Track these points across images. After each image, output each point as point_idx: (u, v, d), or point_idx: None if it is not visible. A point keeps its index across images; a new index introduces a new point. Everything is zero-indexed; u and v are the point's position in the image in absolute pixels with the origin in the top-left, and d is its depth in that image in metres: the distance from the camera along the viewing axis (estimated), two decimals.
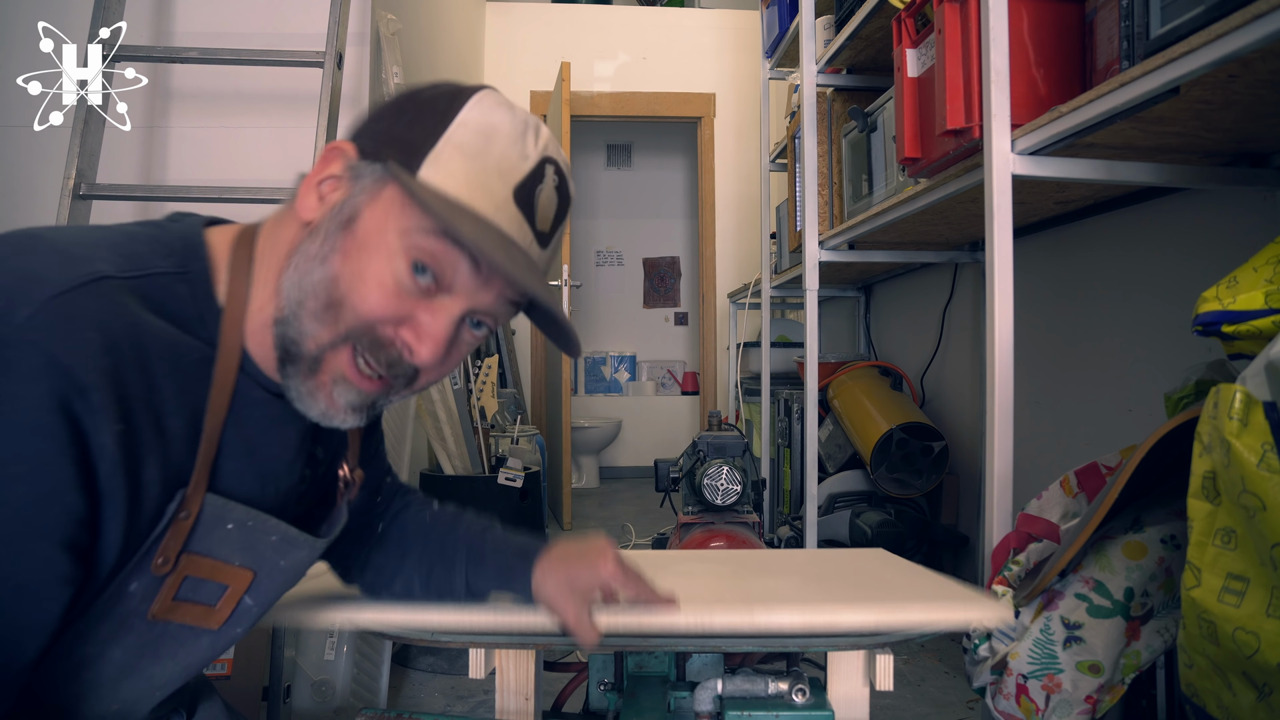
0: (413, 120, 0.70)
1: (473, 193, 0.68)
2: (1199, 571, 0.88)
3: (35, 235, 0.63)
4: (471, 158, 0.68)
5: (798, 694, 0.91)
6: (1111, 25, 1.33)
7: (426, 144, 0.68)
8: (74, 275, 0.60)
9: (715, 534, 1.88)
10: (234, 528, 0.72)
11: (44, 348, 0.56)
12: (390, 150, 0.69)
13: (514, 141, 0.70)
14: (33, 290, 0.57)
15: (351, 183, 0.69)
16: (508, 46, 4.93)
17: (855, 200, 2.34)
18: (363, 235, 0.68)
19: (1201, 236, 1.65)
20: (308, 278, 0.68)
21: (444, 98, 0.71)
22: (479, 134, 0.69)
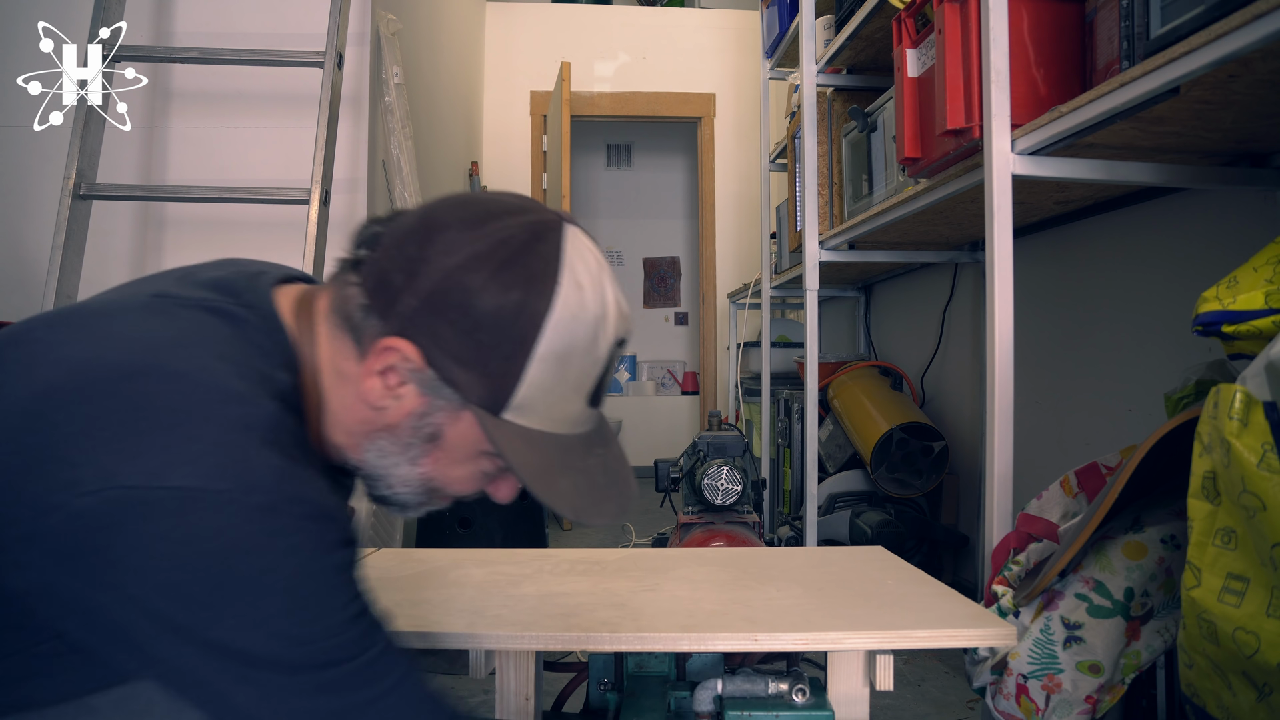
0: (487, 348, 0.67)
1: (553, 424, 0.72)
2: (1199, 571, 0.88)
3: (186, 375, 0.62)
4: (549, 392, 0.69)
5: (798, 694, 0.91)
6: (1111, 25, 1.33)
7: (507, 384, 0.68)
8: (265, 422, 0.62)
9: (715, 534, 1.88)
10: None
11: (301, 501, 0.60)
12: (465, 378, 0.68)
13: (585, 352, 0.70)
14: (249, 457, 0.60)
15: (424, 394, 0.69)
16: (508, 46, 4.93)
17: (855, 200, 2.34)
18: (449, 447, 0.72)
19: (1201, 237, 1.64)
20: (396, 470, 0.73)
21: (516, 315, 0.67)
22: (556, 365, 0.69)
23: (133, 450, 0.57)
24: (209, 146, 2.19)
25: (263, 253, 2.41)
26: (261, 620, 0.58)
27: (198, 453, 0.58)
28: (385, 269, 0.69)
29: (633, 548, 2.20)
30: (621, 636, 0.87)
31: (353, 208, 2.25)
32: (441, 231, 0.68)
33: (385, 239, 0.71)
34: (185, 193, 2.01)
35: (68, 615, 0.59)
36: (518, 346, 0.67)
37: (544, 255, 0.68)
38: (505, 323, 0.66)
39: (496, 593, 1.03)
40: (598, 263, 0.71)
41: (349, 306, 0.71)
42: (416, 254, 0.68)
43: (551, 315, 0.67)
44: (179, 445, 0.58)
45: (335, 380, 0.73)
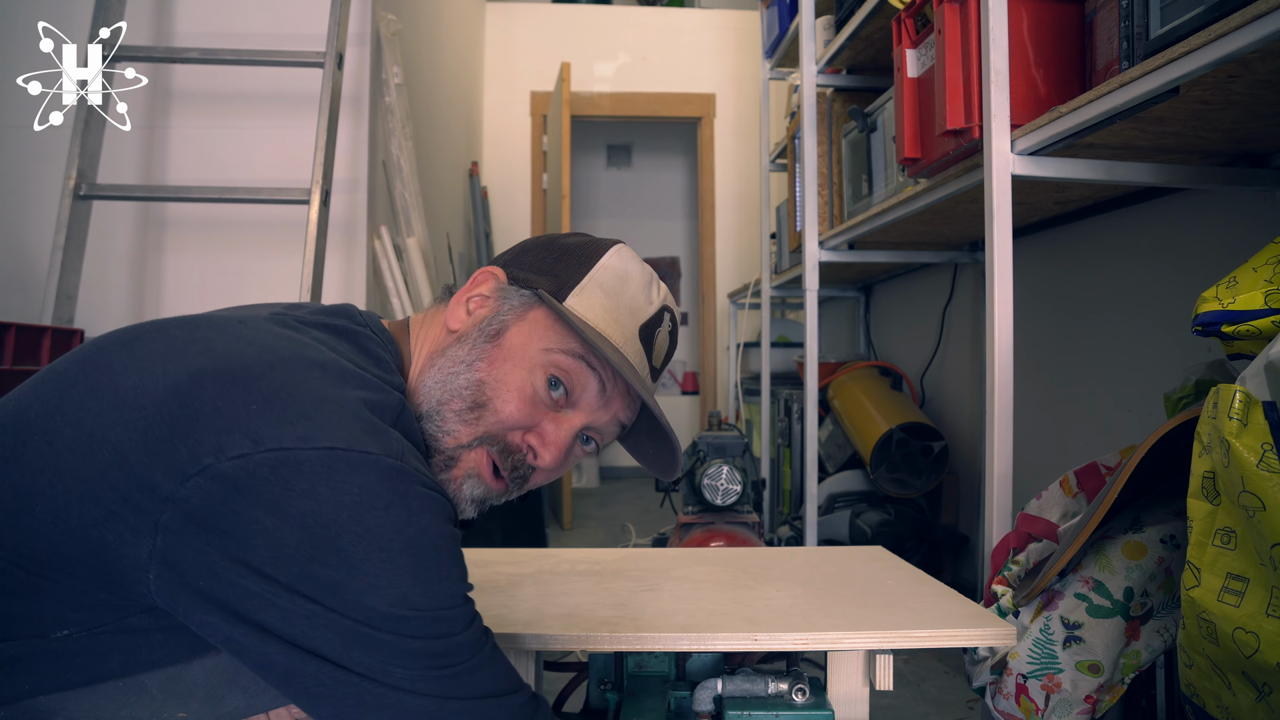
0: (559, 259, 0.82)
1: (608, 324, 0.80)
2: (1199, 571, 0.88)
3: (327, 365, 0.68)
4: (609, 294, 0.81)
5: (798, 694, 0.91)
6: (1111, 25, 1.33)
7: (573, 279, 0.80)
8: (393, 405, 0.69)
9: (715, 534, 1.88)
10: None
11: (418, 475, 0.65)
12: (540, 280, 0.80)
13: (643, 288, 0.83)
14: (383, 428, 0.65)
15: (500, 301, 0.80)
16: (508, 46, 4.93)
17: (855, 200, 2.34)
18: (509, 347, 0.78)
19: (1201, 237, 1.65)
20: (453, 380, 0.77)
21: (587, 245, 0.84)
22: (616, 277, 0.82)
23: (278, 420, 0.61)
24: (209, 146, 2.19)
25: (263, 253, 2.43)
26: (390, 581, 0.60)
27: (341, 422, 0.62)
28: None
29: (633, 548, 2.20)
30: (621, 636, 0.87)
31: (353, 208, 2.25)
32: (528, 243, 0.86)
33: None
34: (185, 193, 2.01)
35: (181, 582, 0.59)
36: (586, 259, 0.82)
37: (605, 241, 0.85)
38: (576, 247, 0.83)
39: (496, 593, 1.04)
40: (646, 266, 0.87)
41: (447, 291, 0.85)
42: (507, 255, 0.85)
43: (613, 251, 0.83)
44: (323, 417, 0.62)
45: (426, 361, 0.80)
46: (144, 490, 0.59)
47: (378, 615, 0.60)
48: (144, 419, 0.61)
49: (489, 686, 0.65)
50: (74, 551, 0.60)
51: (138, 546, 0.59)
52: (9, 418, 0.65)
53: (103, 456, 0.60)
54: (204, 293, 2.18)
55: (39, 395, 0.66)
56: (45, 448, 0.62)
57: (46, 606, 0.61)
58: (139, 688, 0.65)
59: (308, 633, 0.59)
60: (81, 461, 0.60)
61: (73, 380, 0.66)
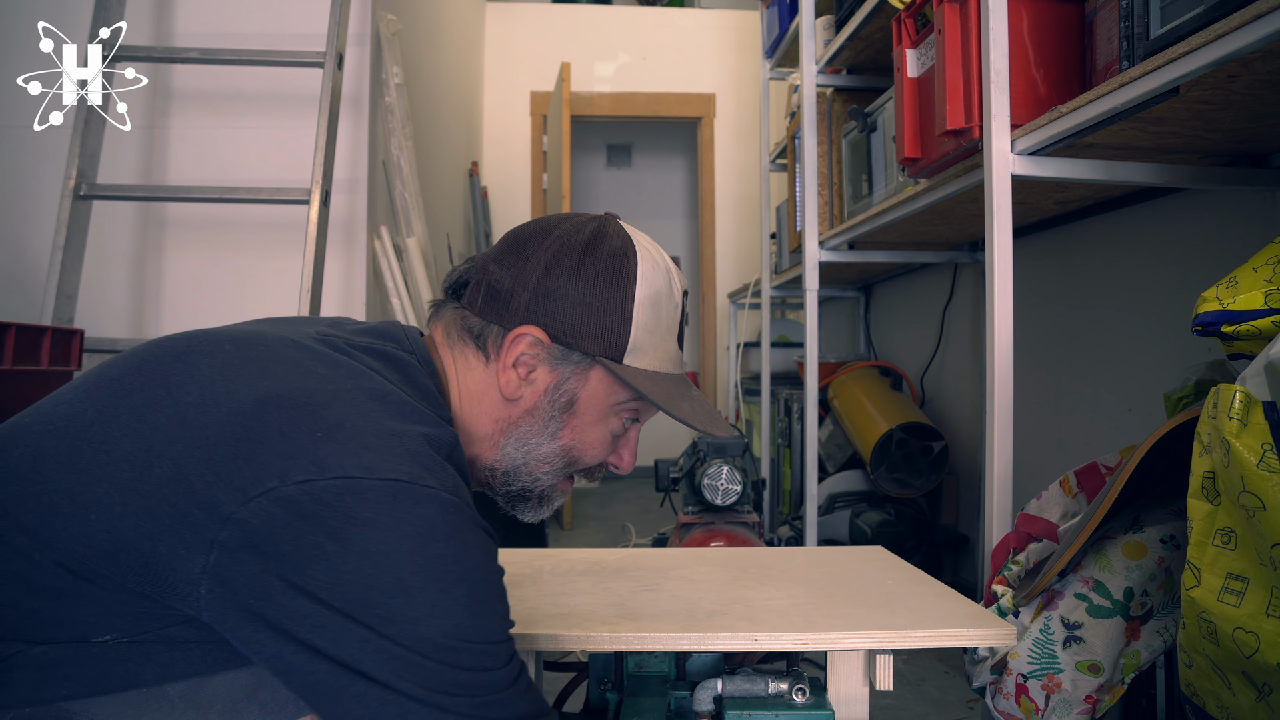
0: (597, 308, 0.81)
1: (660, 361, 0.85)
2: (1199, 571, 0.88)
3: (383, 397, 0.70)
4: (652, 332, 0.83)
5: (798, 694, 0.91)
6: (1111, 25, 1.33)
7: (621, 332, 0.81)
8: (448, 441, 0.72)
9: (715, 534, 1.88)
10: None
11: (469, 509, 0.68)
12: (588, 343, 0.81)
13: (668, 297, 0.85)
14: (440, 463, 0.67)
15: (555, 366, 0.81)
16: (508, 46, 4.93)
17: (855, 200, 2.34)
18: (584, 413, 0.83)
19: (1201, 237, 1.65)
20: (538, 449, 0.83)
21: (615, 276, 0.81)
22: (652, 308, 0.83)
23: (343, 450, 0.63)
24: (209, 146, 2.19)
25: (263, 253, 2.43)
26: (446, 612, 0.62)
27: (403, 455, 0.65)
28: (490, 284, 0.82)
29: (633, 548, 2.20)
30: (621, 636, 0.87)
31: (353, 208, 2.25)
32: (528, 241, 0.82)
33: (481, 265, 0.84)
34: (185, 193, 2.01)
35: (232, 599, 0.60)
36: (622, 300, 0.81)
37: (613, 231, 0.84)
38: (605, 285, 0.80)
39: None
40: (647, 237, 0.87)
41: (467, 325, 0.82)
42: (515, 259, 0.81)
43: (639, 268, 0.82)
44: (387, 449, 0.64)
45: (468, 401, 0.83)
46: (203, 508, 0.60)
47: (430, 644, 0.62)
48: (206, 438, 0.62)
49: (522, 712, 0.67)
50: (126, 560, 0.60)
51: (191, 561, 0.60)
52: (63, 420, 0.66)
53: (161, 471, 0.61)
54: (204, 293, 2.18)
55: (94, 401, 0.67)
56: (102, 456, 0.62)
57: (90, 611, 0.62)
58: (161, 696, 0.65)
59: (358, 656, 0.61)
60: (139, 474, 0.61)
61: (129, 389, 0.66)
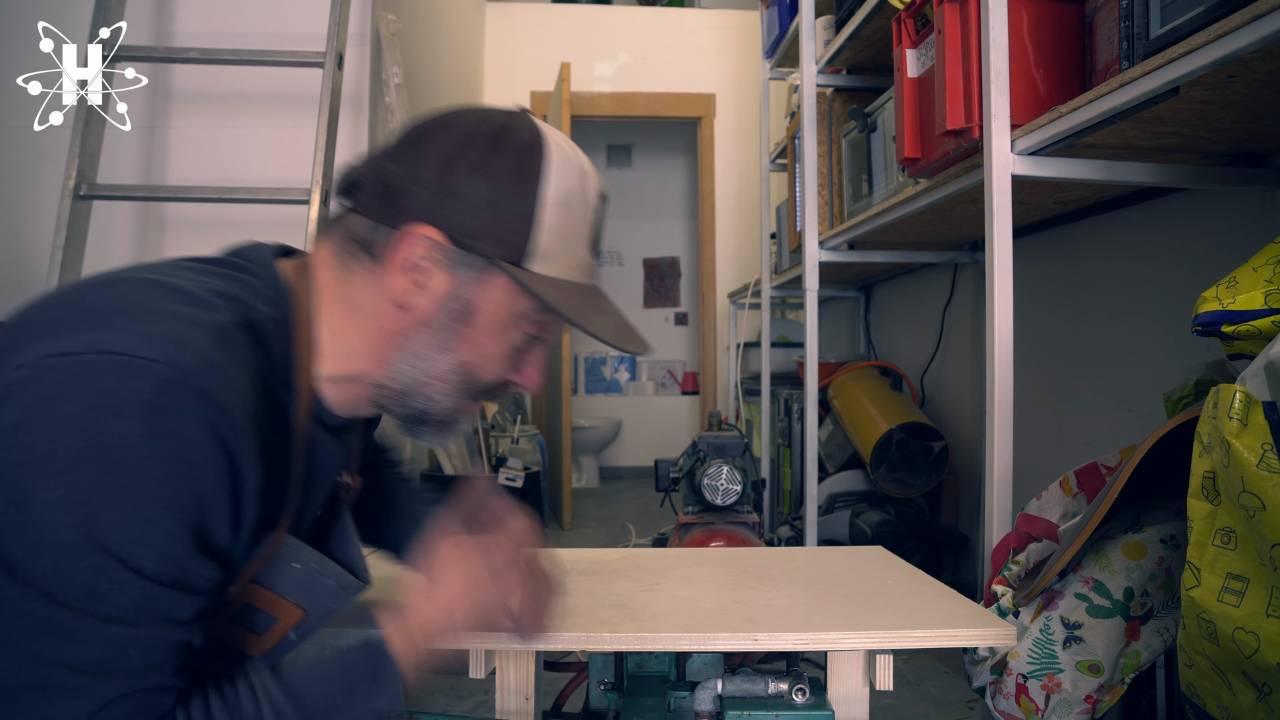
0: (498, 201, 0.72)
1: (570, 271, 0.77)
2: (1199, 571, 0.88)
3: (158, 283, 0.67)
4: (562, 234, 0.75)
5: (798, 694, 0.91)
6: (1111, 25, 1.33)
7: (525, 238, 0.73)
8: (216, 324, 0.65)
9: (715, 534, 1.88)
10: (300, 567, 0.77)
11: (211, 395, 0.61)
12: (489, 245, 0.73)
13: (581, 198, 0.77)
14: (190, 340, 0.62)
15: (452, 272, 0.73)
16: (508, 46, 4.92)
17: (855, 200, 2.34)
18: (482, 323, 0.76)
19: (1201, 237, 1.65)
20: (430, 364, 0.76)
21: (520, 169, 0.73)
22: (562, 209, 0.75)
23: (81, 329, 0.61)
24: (209, 146, 2.19)
25: None
26: (91, 497, 0.57)
27: (141, 329, 0.61)
28: (384, 181, 0.73)
29: (633, 548, 2.20)
30: (621, 636, 0.87)
31: None
32: (427, 133, 0.74)
33: (374, 163, 0.75)
34: (185, 193, 2.01)
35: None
36: (527, 200, 0.73)
37: (524, 125, 0.75)
38: (510, 182, 0.72)
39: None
40: (562, 134, 0.79)
41: (356, 232, 0.75)
42: (412, 154, 0.73)
43: (549, 164, 0.74)
44: (126, 324, 0.62)
45: (350, 313, 0.76)
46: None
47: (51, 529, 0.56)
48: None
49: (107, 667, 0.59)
50: None
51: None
52: None
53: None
54: None
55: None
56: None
57: None
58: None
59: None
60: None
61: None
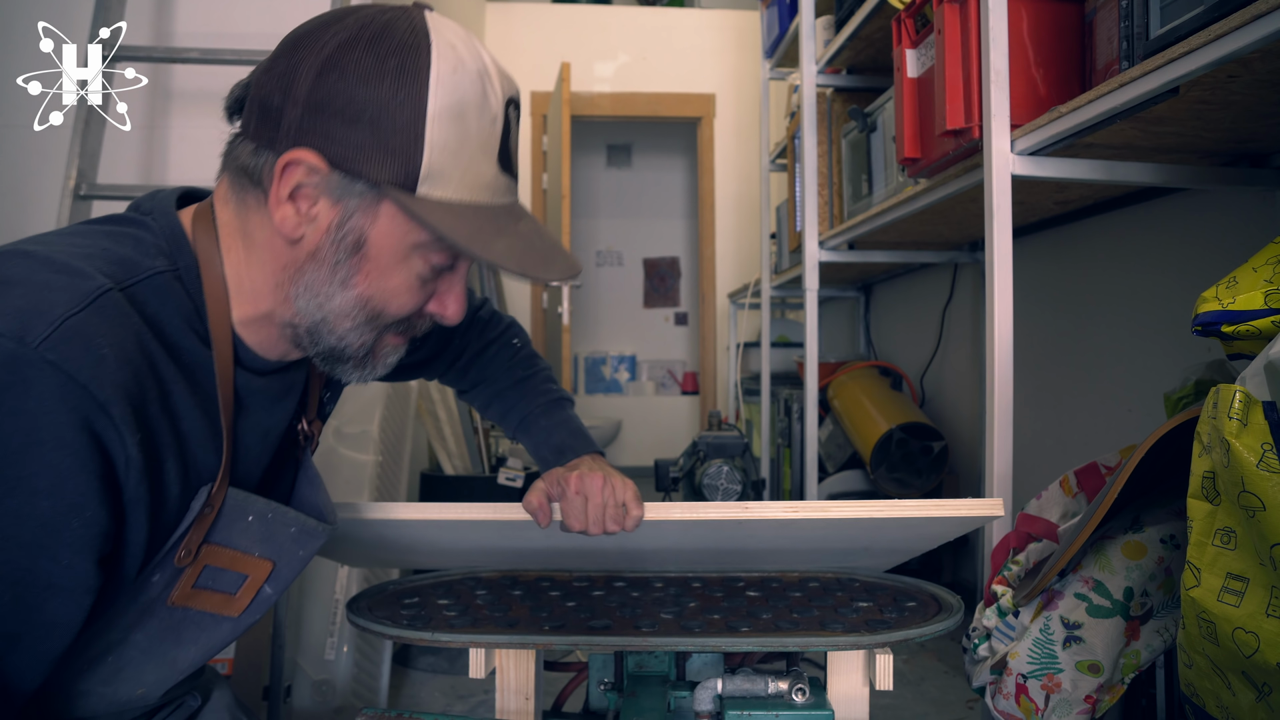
0: (378, 123, 0.65)
1: (471, 192, 0.69)
2: (1198, 571, 0.88)
3: (30, 254, 0.63)
4: (456, 152, 0.67)
5: (798, 693, 0.91)
6: (1111, 25, 1.33)
7: (411, 158, 0.66)
8: (81, 291, 0.61)
9: None
10: (254, 520, 0.74)
11: (62, 367, 0.57)
12: (372, 166, 0.66)
13: (480, 107, 0.68)
14: (45, 310, 0.58)
15: (337, 200, 0.67)
16: (508, 47, 4.92)
17: (855, 200, 2.34)
18: (376, 255, 0.70)
19: (1201, 237, 1.65)
20: (330, 300, 0.70)
21: (400, 80, 0.65)
22: (454, 122, 0.67)
23: None
24: (209, 146, 2.18)
25: None
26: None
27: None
28: (261, 99, 0.69)
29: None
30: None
31: None
32: (304, 40, 0.68)
33: (254, 77, 0.71)
34: None
35: None
36: (410, 112, 0.65)
37: (409, 26, 0.67)
38: (390, 92, 0.65)
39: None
40: (465, 31, 0.71)
41: (241, 158, 0.70)
42: (286, 66, 0.68)
43: (433, 72, 0.66)
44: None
45: (250, 249, 0.71)
46: None
47: None
48: None
49: None
50: None
51: None
52: None
53: None
54: None
55: None
56: None
57: None
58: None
59: None
60: None
61: None
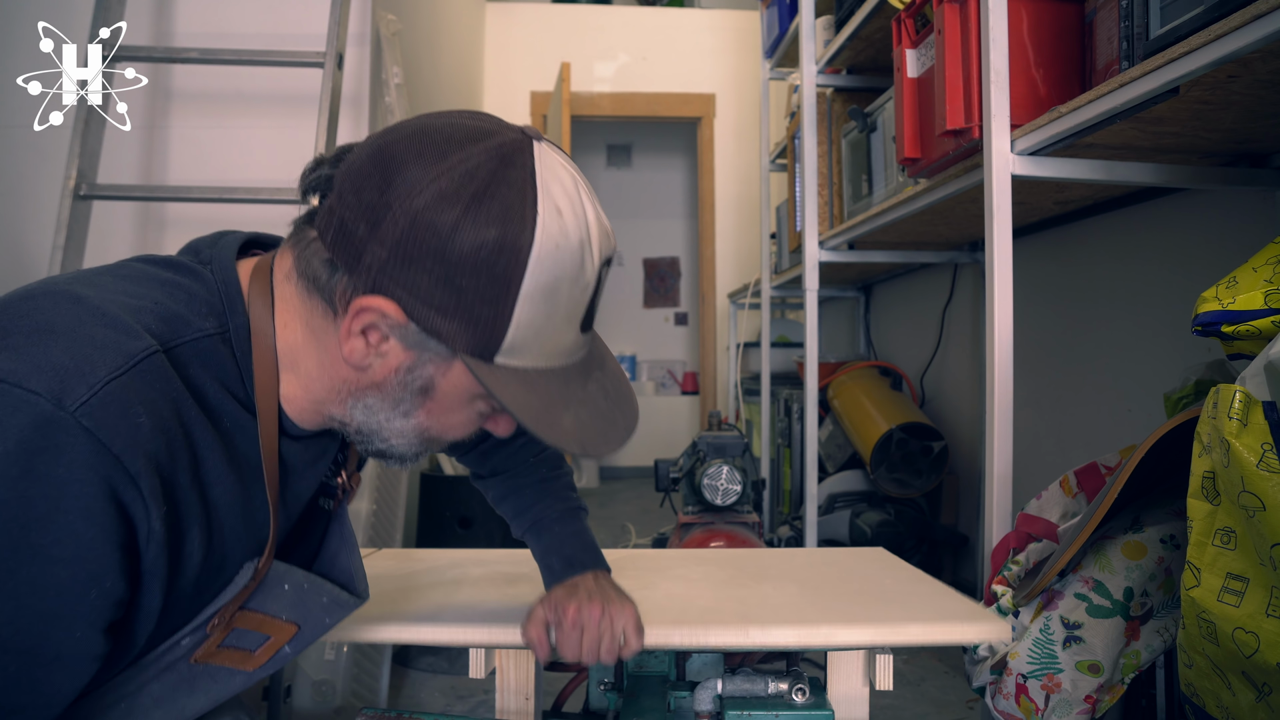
0: (466, 293, 0.62)
1: (547, 358, 0.68)
2: (1198, 571, 0.88)
3: (81, 300, 0.61)
4: (540, 330, 0.65)
5: (798, 694, 0.91)
6: (1111, 25, 1.33)
7: (494, 334, 0.64)
8: (126, 353, 0.59)
9: (715, 534, 1.88)
10: (290, 589, 0.74)
11: (97, 435, 0.55)
12: (454, 333, 0.64)
13: (574, 281, 0.65)
14: (88, 372, 0.56)
15: (409, 347, 0.66)
16: (508, 47, 4.92)
17: (855, 200, 2.34)
18: (442, 399, 0.69)
19: (1201, 237, 1.65)
20: (390, 423, 0.70)
21: (498, 254, 0.61)
22: (545, 301, 0.64)
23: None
24: (209, 146, 2.19)
25: None
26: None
27: (38, 355, 0.56)
28: (345, 219, 0.63)
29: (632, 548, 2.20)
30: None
31: None
32: (400, 170, 0.62)
33: (339, 183, 0.65)
34: (185, 193, 2.01)
35: None
36: (502, 288, 0.62)
37: (516, 183, 0.63)
38: (485, 264, 0.61)
39: (495, 592, 1.04)
40: (574, 180, 0.67)
41: (313, 264, 0.66)
42: (377, 199, 0.62)
43: (534, 249, 0.62)
44: (25, 347, 0.56)
45: (310, 339, 0.69)
46: None
47: None
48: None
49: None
50: None
51: None
52: None
53: None
54: None
55: None
56: None
57: None
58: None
59: None
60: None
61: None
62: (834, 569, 1.15)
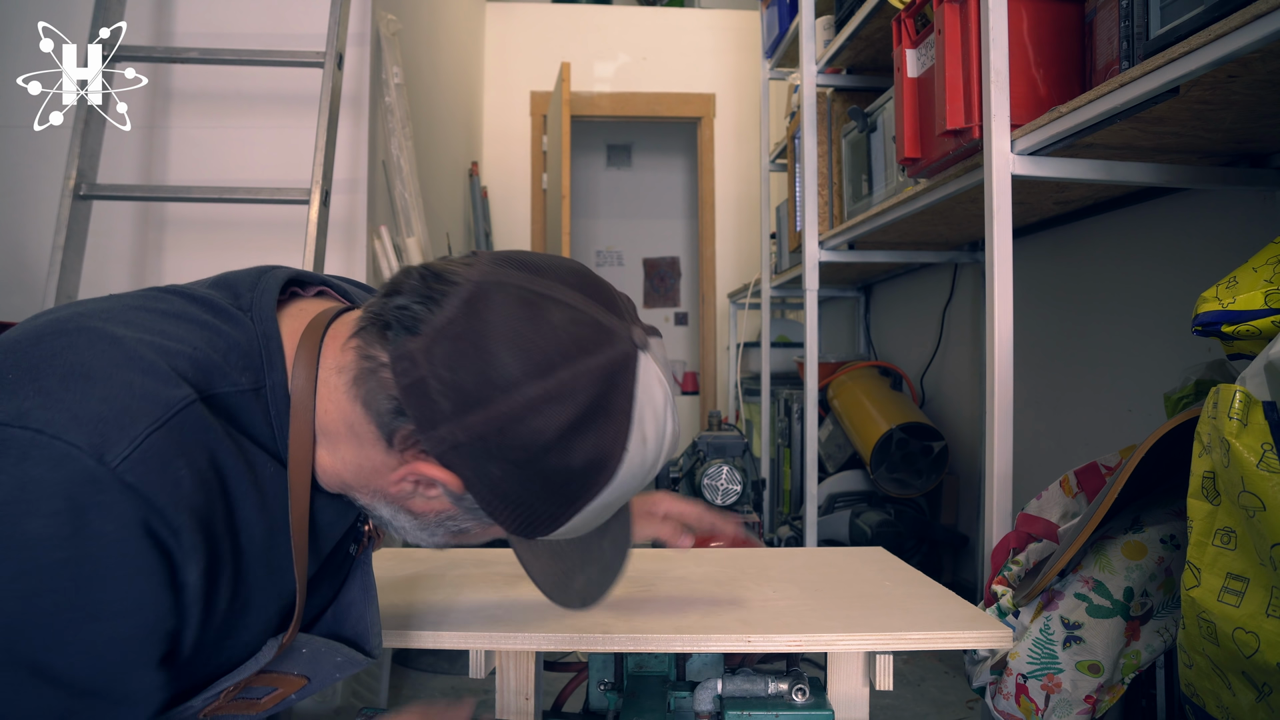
0: (529, 501, 0.64)
1: (576, 533, 0.70)
2: (1198, 571, 0.88)
3: (117, 341, 0.60)
4: (581, 527, 0.68)
5: (798, 694, 0.91)
6: (1111, 25, 1.33)
7: (542, 529, 0.67)
8: (165, 403, 0.58)
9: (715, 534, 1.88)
10: (307, 651, 0.75)
11: (140, 491, 0.55)
12: (506, 519, 0.66)
13: (631, 490, 0.68)
14: (128, 424, 0.56)
15: (459, 506, 0.67)
16: (508, 47, 4.92)
17: (855, 200, 2.34)
18: (473, 537, 0.72)
19: (1201, 237, 1.65)
20: (413, 535, 0.71)
21: (569, 491, 0.64)
22: (601, 511, 0.67)
23: (17, 390, 0.55)
24: (209, 146, 2.19)
25: (263, 253, 2.42)
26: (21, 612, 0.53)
27: (77, 404, 0.55)
28: (429, 384, 0.61)
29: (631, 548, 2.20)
30: (615, 638, 0.88)
31: (353, 208, 2.25)
32: (499, 369, 0.60)
33: (428, 339, 0.61)
34: (185, 193, 2.01)
35: None
36: (569, 502, 0.65)
37: (615, 412, 0.62)
38: (562, 483, 0.63)
39: (495, 593, 1.04)
40: (664, 396, 0.66)
41: (377, 397, 0.63)
42: (471, 389, 0.60)
43: (612, 480, 0.64)
44: (62, 394, 0.55)
45: (351, 439, 0.67)
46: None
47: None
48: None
49: None
50: None
51: None
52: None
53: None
54: None
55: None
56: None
57: None
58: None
59: None
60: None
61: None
62: (834, 570, 1.15)
